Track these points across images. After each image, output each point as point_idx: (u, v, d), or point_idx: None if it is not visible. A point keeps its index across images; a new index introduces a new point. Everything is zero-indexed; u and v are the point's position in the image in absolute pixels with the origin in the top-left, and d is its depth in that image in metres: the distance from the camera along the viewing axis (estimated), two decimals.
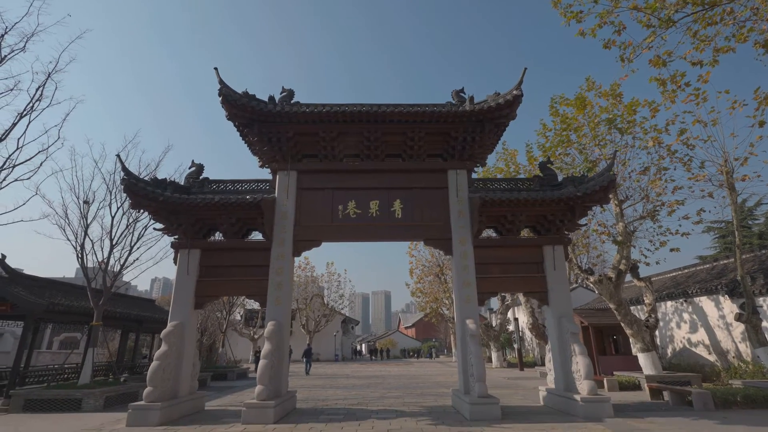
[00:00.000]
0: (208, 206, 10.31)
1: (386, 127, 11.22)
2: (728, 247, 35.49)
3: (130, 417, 8.67)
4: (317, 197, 11.52)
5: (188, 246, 10.71)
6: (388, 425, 8.32)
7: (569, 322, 10.06)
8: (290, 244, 10.91)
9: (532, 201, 10.38)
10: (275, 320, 10.01)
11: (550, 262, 10.81)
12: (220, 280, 10.71)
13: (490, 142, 11.64)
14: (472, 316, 10.22)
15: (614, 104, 14.71)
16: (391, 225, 11.27)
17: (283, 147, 11.41)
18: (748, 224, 35.51)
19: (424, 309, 38.23)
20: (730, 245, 35.52)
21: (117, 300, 16.97)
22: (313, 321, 43.73)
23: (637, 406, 10.43)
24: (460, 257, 10.79)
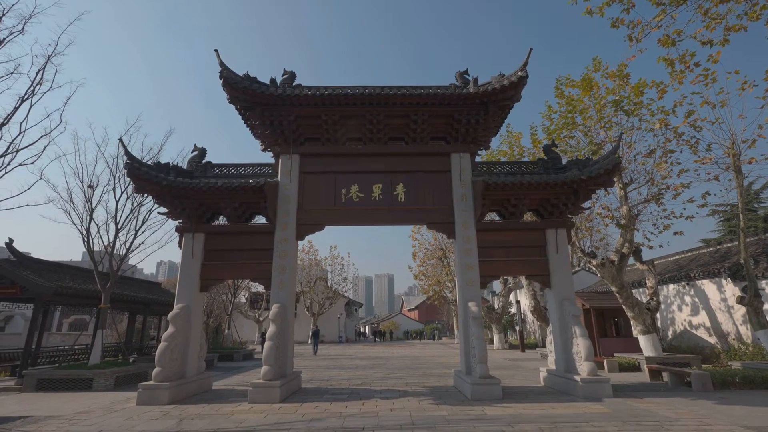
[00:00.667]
0: (212, 190, 10.34)
1: (389, 110, 11.12)
2: (732, 230, 35.26)
3: (140, 396, 8.90)
4: (320, 181, 11.51)
5: (192, 230, 10.79)
6: (391, 405, 8.50)
7: (571, 304, 10.14)
8: (293, 228, 10.97)
9: (536, 185, 10.33)
10: (280, 303, 10.15)
11: (552, 245, 10.83)
12: (224, 263, 10.82)
13: (494, 124, 11.53)
14: (474, 298, 10.31)
15: (621, 85, 14.48)
16: (393, 209, 11.28)
17: (285, 130, 11.36)
18: (754, 207, 35.25)
19: (426, 292, 38.59)
20: (734, 228, 35.28)
21: (124, 283, 17.20)
22: (317, 303, 44.26)
23: (637, 386, 10.59)
24: (462, 241, 10.83)
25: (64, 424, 7.20)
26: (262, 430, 6.58)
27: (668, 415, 7.22)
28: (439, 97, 10.82)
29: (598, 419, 6.92)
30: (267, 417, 7.50)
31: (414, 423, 6.85)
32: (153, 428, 6.81)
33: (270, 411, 8.00)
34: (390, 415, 7.52)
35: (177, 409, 8.35)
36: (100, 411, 8.30)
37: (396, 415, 7.52)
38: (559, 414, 7.36)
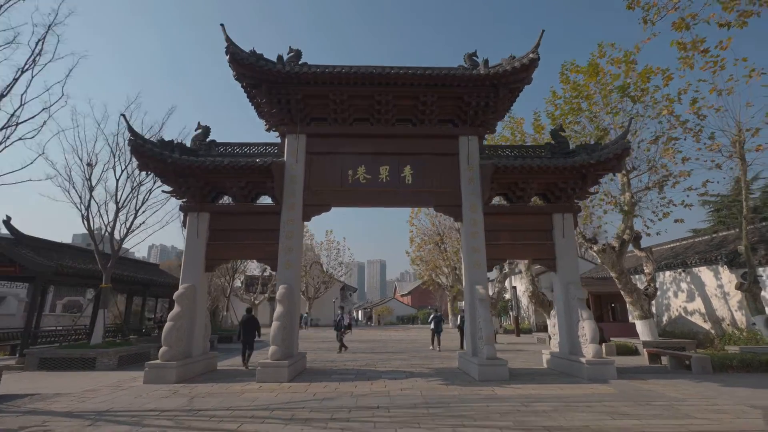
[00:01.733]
0: (218, 169, 10.16)
1: (398, 90, 10.94)
2: (722, 220, 35.72)
3: (147, 375, 8.85)
4: (327, 161, 11.36)
5: (197, 209, 10.62)
6: (400, 385, 8.56)
7: (576, 288, 10.22)
8: (300, 209, 10.85)
9: (545, 168, 10.29)
10: (286, 283, 10.09)
11: (559, 230, 10.85)
12: (230, 243, 10.70)
13: (503, 107, 11.41)
14: (481, 281, 10.34)
15: (627, 71, 14.39)
16: (400, 191, 11.20)
17: (291, 109, 11.14)
18: None
19: (422, 276, 38.82)
20: (724, 219, 35.79)
21: (122, 264, 17.01)
22: (313, 288, 44.36)
23: (637, 369, 10.79)
24: (469, 224, 10.81)
25: (73, 401, 7.14)
26: (276, 408, 6.58)
27: (675, 395, 7.35)
28: (449, 77, 10.66)
29: (608, 399, 7.03)
30: (278, 396, 7.50)
31: (428, 402, 6.90)
32: (165, 406, 6.78)
33: (280, 390, 8.01)
34: (401, 394, 7.57)
35: (185, 387, 8.33)
36: (108, 389, 8.25)
37: (407, 394, 7.57)
38: (569, 394, 7.46)
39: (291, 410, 6.42)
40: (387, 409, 6.41)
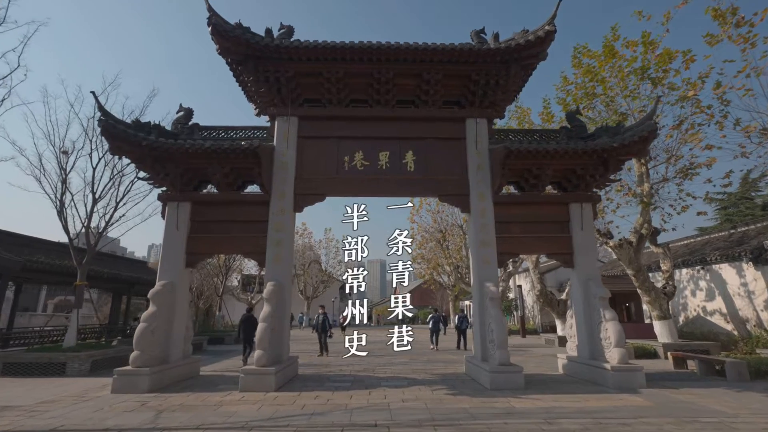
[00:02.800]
0: (198, 153, 9.12)
1: (398, 68, 9.91)
2: (729, 218, 34.72)
3: (115, 383, 7.83)
4: (321, 147, 10.34)
5: (177, 198, 9.60)
6: (402, 394, 7.54)
7: (597, 285, 9.20)
8: (291, 198, 9.82)
9: (563, 152, 9.26)
10: (275, 280, 9.07)
11: (577, 221, 9.83)
12: (213, 236, 9.68)
13: (514, 86, 10.38)
14: (491, 278, 9.32)
15: (645, 52, 13.36)
16: (402, 178, 10.17)
17: (282, 88, 10.11)
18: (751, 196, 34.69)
19: (423, 276, 37.78)
20: (731, 216, 34.77)
21: (106, 261, 16.01)
22: (311, 287, 43.37)
23: (664, 375, 9.76)
24: (478, 215, 9.78)
25: (20, 416, 6.12)
26: (255, 425, 5.56)
27: (720, 409, 6.33)
28: (455, 52, 9.62)
29: (645, 414, 6.00)
30: (261, 409, 6.48)
31: (434, 418, 5.87)
32: (126, 422, 5.76)
33: (264, 401, 6.99)
34: (403, 407, 6.55)
35: (157, 398, 7.30)
36: (69, 400, 7.23)
37: (410, 407, 6.55)
38: (597, 408, 6.43)
39: (272, 429, 5.40)
40: (387, 429, 5.38)
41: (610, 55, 13.51)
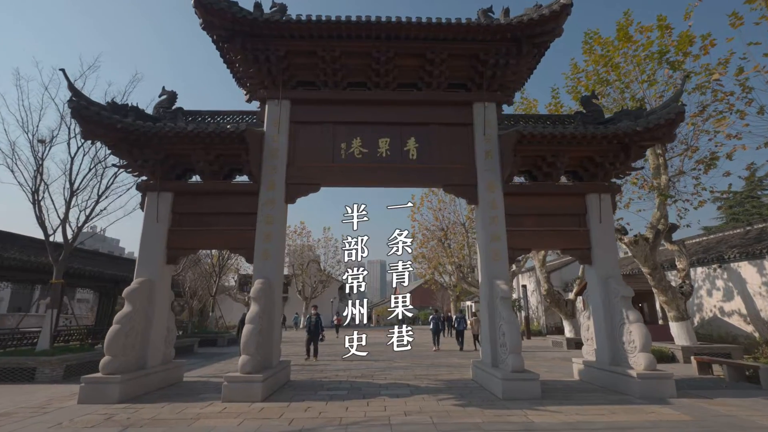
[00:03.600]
0: (180, 137, 8.29)
1: (400, 46, 9.08)
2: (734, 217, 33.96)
3: (82, 392, 6.98)
4: (315, 133, 9.51)
5: (157, 188, 8.76)
6: (404, 405, 6.69)
7: (619, 284, 8.36)
8: (282, 188, 8.99)
9: (581, 137, 8.42)
10: (264, 277, 8.24)
11: (594, 213, 8.99)
12: (197, 229, 8.84)
13: (526, 67, 9.55)
14: (501, 276, 8.48)
15: (661, 36, 12.55)
16: (403, 167, 9.34)
17: (272, 69, 9.28)
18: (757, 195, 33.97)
19: (424, 276, 36.96)
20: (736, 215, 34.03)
21: (90, 258, 15.18)
22: (310, 287, 42.52)
23: (690, 382, 8.91)
24: (487, 206, 8.95)
25: None
26: None
27: None
28: (463, 29, 8.79)
29: (687, 430, 5.16)
30: (242, 424, 5.64)
31: None
32: None
33: (248, 414, 6.15)
34: (405, 422, 5.70)
35: (127, 410, 6.46)
36: (27, 412, 6.39)
37: (413, 421, 5.70)
38: (629, 422, 5.59)
39: None
40: None
41: (625, 40, 12.69)
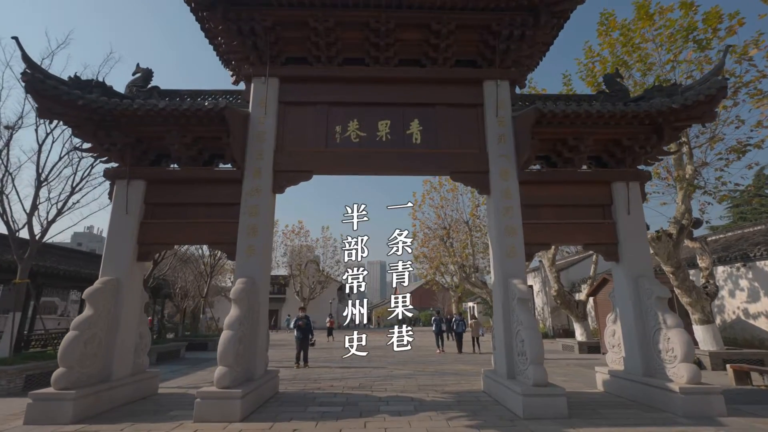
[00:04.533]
0: (151, 116, 7.24)
1: (402, 16, 8.06)
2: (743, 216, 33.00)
3: (30, 411, 5.92)
4: (307, 114, 8.49)
5: (127, 175, 7.72)
6: (408, 427, 5.65)
7: (653, 283, 7.32)
8: (269, 176, 7.96)
9: (608, 116, 7.38)
10: (247, 276, 7.21)
11: (622, 204, 7.95)
12: (172, 222, 7.81)
13: (543, 40, 8.51)
14: (518, 274, 7.45)
15: (685, 15, 11.55)
16: (406, 152, 8.31)
17: (258, 42, 8.26)
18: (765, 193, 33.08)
19: (425, 276, 35.92)
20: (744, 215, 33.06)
21: (66, 256, 14.16)
22: (308, 288, 41.48)
23: (731, 395, 7.84)
24: (500, 196, 7.92)
25: None
26: None
27: None
28: None
29: None
30: None
31: None
32: None
33: None
34: None
35: (83, 431, 5.42)
36: None
37: None
38: None
39: None
40: None
41: (646, 18, 11.69)
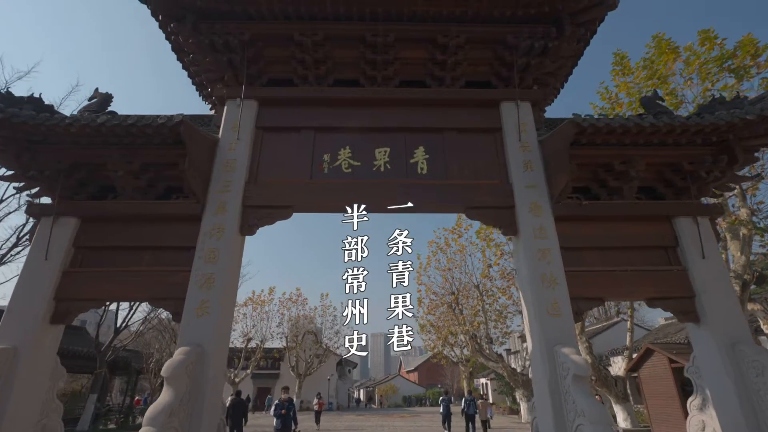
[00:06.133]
0: (87, 134, 5.75)
1: (403, 29, 6.92)
2: None
3: None
4: (289, 141, 7.03)
5: (54, 210, 6.06)
6: None
7: (761, 353, 5.24)
8: (236, 212, 6.26)
9: (666, 130, 5.79)
10: (193, 344, 5.22)
11: (692, 245, 6.12)
12: (106, 271, 5.98)
13: (568, 54, 7.24)
14: (566, 340, 5.42)
15: (710, 49, 10.62)
16: (410, 184, 6.68)
17: (234, 58, 7.04)
18: None
19: (433, 348, 32.63)
20: None
21: None
22: (304, 362, 37.87)
23: None
24: (532, 236, 6.13)
25: None
26: None
27: None
28: (486, 1, 6.64)
29: None
30: None
31: None
32: None
33: None
34: None
35: None
36: None
37: None
38: None
39: None
40: None
41: (670, 51, 10.76)
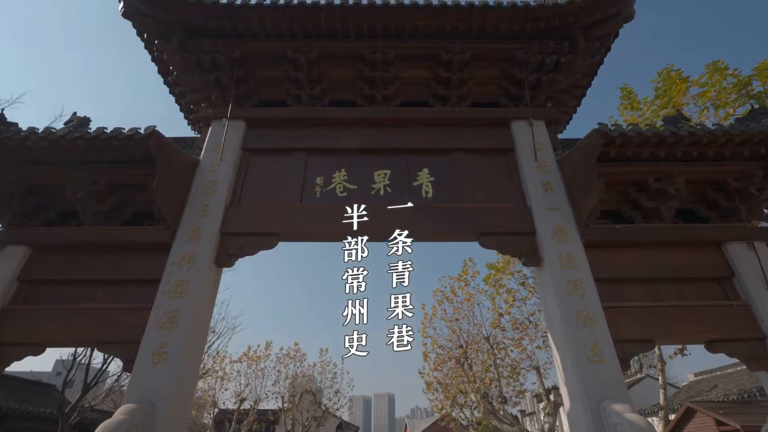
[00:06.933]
0: (45, 149, 5.04)
1: (404, 47, 6.46)
2: None
3: None
4: (278, 164, 6.33)
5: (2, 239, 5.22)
6: None
7: None
8: (212, 239, 5.38)
9: (708, 140, 5.04)
10: (141, 401, 4.13)
11: (751, 275, 5.13)
12: (52, 310, 5.01)
13: (580, 69, 6.70)
14: (615, 394, 4.29)
15: (721, 81, 10.28)
16: (413, 209, 5.84)
17: (222, 77, 6.52)
18: None
19: (441, 409, 29.97)
20: None
21: None
22: (301, 425, 34.82)
23: None
24: (559, 265, 5.17)
25: None
26: None
27: None
28: (491, 14, 6.21)
29: None
30: None
31: None
32: None
33: None
34: None
35: None
36: None
37: None
38: None
39: None
40: None
41: (681, 81, 10.41)
